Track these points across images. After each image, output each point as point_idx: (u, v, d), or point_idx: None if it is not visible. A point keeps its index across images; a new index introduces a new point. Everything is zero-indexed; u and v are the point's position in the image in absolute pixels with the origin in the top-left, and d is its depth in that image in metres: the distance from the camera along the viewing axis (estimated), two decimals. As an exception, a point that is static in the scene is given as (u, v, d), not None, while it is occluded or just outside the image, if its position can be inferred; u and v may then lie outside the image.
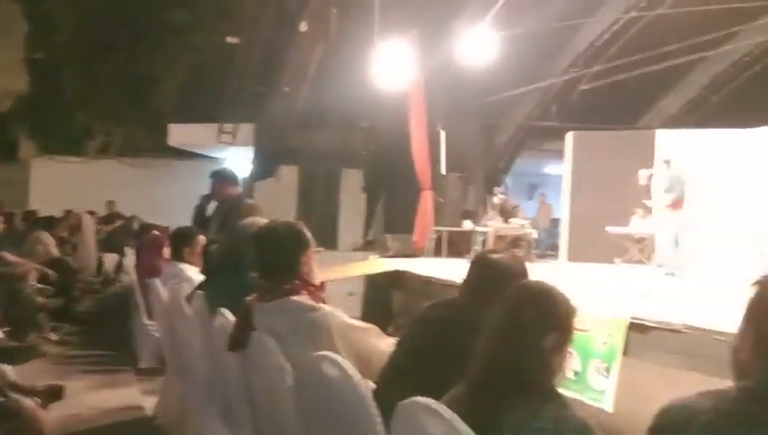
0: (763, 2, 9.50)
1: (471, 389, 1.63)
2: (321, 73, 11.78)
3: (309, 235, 2.53)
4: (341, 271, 9.05)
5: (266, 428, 2.56)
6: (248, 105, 13.20)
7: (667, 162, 7.60)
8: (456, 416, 1.44)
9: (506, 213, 11.44)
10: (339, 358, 1.92)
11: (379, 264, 9.48)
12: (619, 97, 11.26)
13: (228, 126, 13.76)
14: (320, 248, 2.63)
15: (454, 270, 8.23)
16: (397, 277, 8.23)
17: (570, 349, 4.45)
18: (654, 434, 1.36)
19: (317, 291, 2.47)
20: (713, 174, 10.16)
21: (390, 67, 9.90)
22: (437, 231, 11.29)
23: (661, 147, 10.15)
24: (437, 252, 11.16)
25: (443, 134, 11.45)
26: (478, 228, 11.17)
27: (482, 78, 10.35)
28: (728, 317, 4.30)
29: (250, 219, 3.27)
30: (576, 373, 4.92)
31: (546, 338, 1.60)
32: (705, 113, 11.61)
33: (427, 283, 7.28)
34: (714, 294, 5.96)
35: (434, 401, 1.50)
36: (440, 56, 10.72)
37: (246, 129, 13.71)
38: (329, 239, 12.19)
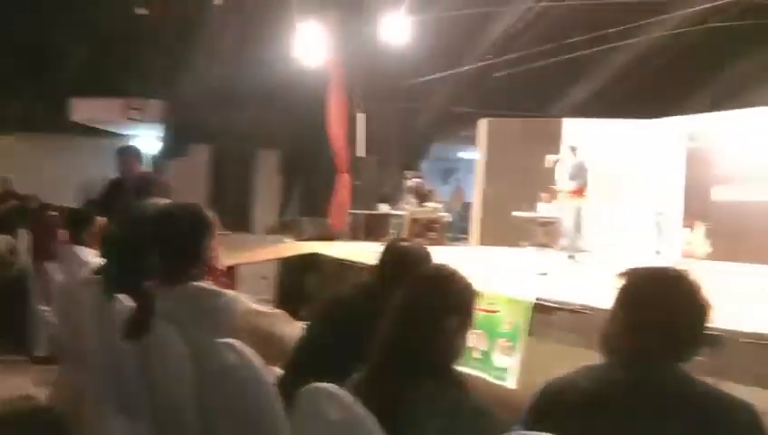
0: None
1: (373, 373, 1.63)
2: (237, 50, 11.42)
3: (213, 217, 2.44)
4: (254, 254, 8.89)
5: (166, 417, 2.46)
6: (158, 80, 12.61)
7: (573, 149, 7.95)
8: (355, 400, 1.43)
9: (422, 197, 11.61)
10: (241, 345, 1.87)
11: (293, 247, 9.38)
12: (531, 85, 11.63)
13: (137, 101, 13.12)
14: (226, 232, 2.55)
15: (370, 253, 8.28)
16: (312, 261, 8.17)
17: (474, 330, 4.58)
18: (532, 409, 1.47)
19: (221, 276, 2.39)
20: (615, 162, 10.76)
21: (309, 47, 9.75)
22: (354, 214, 11.31)
23: (568, 135, 10.62)
24: (354, 235, 11.19)
25: (361, 117, 11.43)
26: (394, 212, 11.28)
27: (400, 62, 10.41)
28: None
29: (151, 200, 3.11)
30: (482, 353, 5.09)
31: (447, 320, 1.62)
32: (610, 104, 12.19)
33: (343, 266, 7.27)
34: (611, 277, 6.30)
35: (334, 386, 1.49)
36: (359, 38, 10.67)
37: (156, 105, 13.12)
38: (242, 221, 11.94)
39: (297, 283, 8.28)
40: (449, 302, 1.64)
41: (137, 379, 2.62)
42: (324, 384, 1.50)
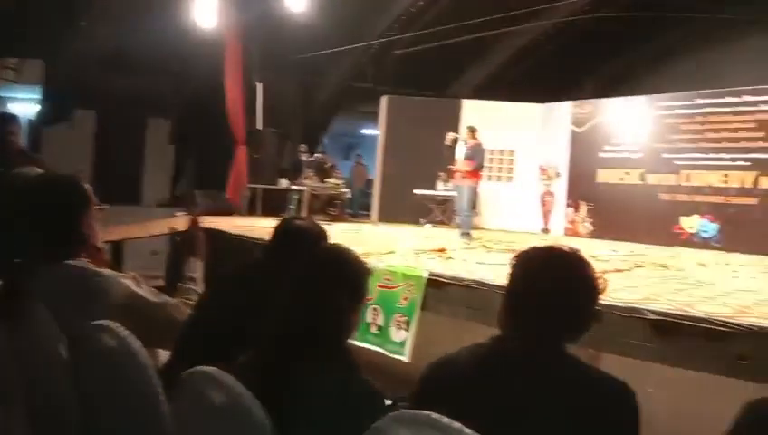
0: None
1: (262, 354, 1.59)
2: (127, 10, 10.67)
3: (89, 190, 2.27)
4: (143, 228, 8.48)
5: (42, 403, 2.30)
6: (37, 39, 11.54)
7: (472, 130, 8.13)
8: (239, 384, 1.39)
9: (323, 172, 11.53)
10: (119, 327, 1.76)
11: (185, 221, 9.02)
12: (431, 65, 11.78)
13: (11, 61, 11.96)
14: (111, 205, 2.38)
15: (267, 229, 8.12)
16: (206, 236, 7.88)
17: (373, 306, 4.57)
18: (419, 386, 1.49)
19: (99, 254, 2.23)
20: (509, 143, 11.20)
21: (204, 12, 9.32)
22: (252, 188, 11.04)
23: (467, 115, 10.90)
24: (252, 210, 10.94)
25: (260, 87, 11.10)
26: (294, 187, 11.13)
27: (301, 33, 10.17)
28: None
29: (21, 170, 2.85)
30: (379, 328, 5.18)
31: (340, 300, 1.61)
32: (506, 86, 12.61)
33: (240, 242, 7.09)
34: (500, 254, 6.58)
35: (217, 369, 1.44)
36: (258, 6, 10.31)
37: (34, 65, 12.02)
38: (131, 194, 11.31)
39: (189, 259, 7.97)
40: (342, 281, 1.63)
41: (8, 364, 2.42)
42: (207, 368, 1.45)
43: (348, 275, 1.67)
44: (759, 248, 8.07)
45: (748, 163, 8.61)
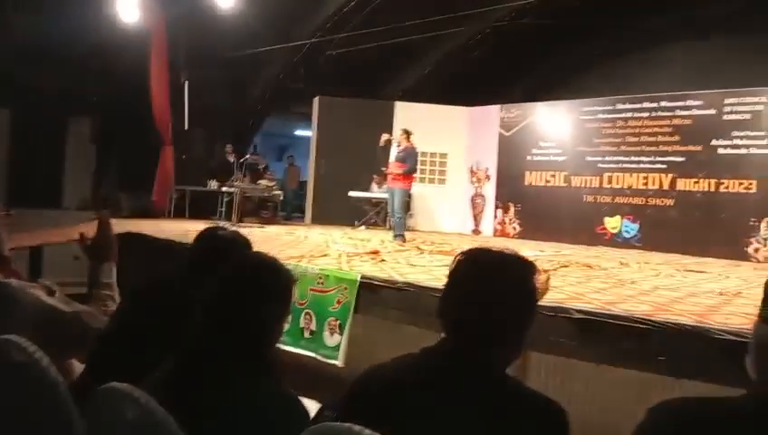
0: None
1: (178, 368, 1.52)
2: (43, 5, 10.11)
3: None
4: (63, 233, 8.04)
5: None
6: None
7: (406, 133, 8.13)
8: (152, 399, 1.32)
9: (255, 174, 11.31)
10: (26, 342, 1.64)
11: (95, 223, 8.63)
12: (364, 66, 11.78)
13: None
14: (9, 211, 2.22)
15: (194, 233, 7.87)
16: (130, 240, 7.55)
17: (307, 311, 4.47)
18: (347, 396, 1.44)
19: (6, 264, 2.08)
20: (442, 146, 11.35)
21: (127, 3, 8.97)
22: (180, 190, 10.70)
23: (399, 117, 10.96)
24: (179, 213, 10.60)
25: (187, 85, 10.78)
26: (224, 189, 10.86)
27: (232, 30, 9.94)
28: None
29: None
30: (312, 332, 5.11)
31: (261, 310, 1.55)
32: (436, 88, 12.76)
33: (165, 247, 6.84)
34: (432, 256, 6.64)
35: (130, 385, 1.36)
36: (184, 1, 10.00)
37: (-61, 57, 11.21)
38: (51, 196, 10.72)
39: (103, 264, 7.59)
40: (264, 290, 1.57)
41: None
42: (120, 384, 1.37)
43: (270, 285, 1.60)
44: (676, 247, 8.52)
45: (665, 166, 9.06)
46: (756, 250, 8.13)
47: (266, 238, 7.77)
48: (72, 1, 9.38)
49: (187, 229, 8.26)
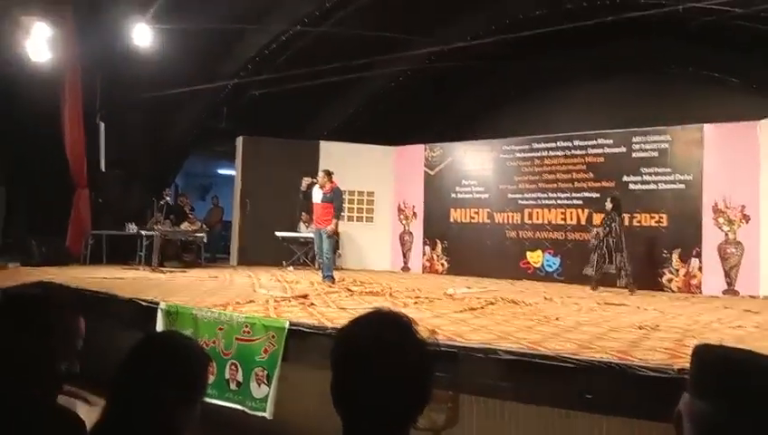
0: (406, 35, 10.96)
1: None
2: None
3: None
4: (-36, 285, 7.46)
5: None
6: None
7: (329, 173, 8.08)
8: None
9: (179, 216, 10.94)
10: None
11: (18, 273, 8.09)
12: (288, 106, 11.75)
13: None
14: None
15: (115, 280, 7.56)
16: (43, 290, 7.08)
17: (233, 362, 4.23)
18: None
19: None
20: (367, 184, 11.41)
21: (36, 41, 8.58)
22: (95, 235, 10.18)
23: (324, 157, 10.97)
24: (96, 259, 10.07)
25: (102, 126, 10.37)
26: (144, 232, 10.43)
27: (151, 71, 9.69)
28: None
29: None
30: (239, 384, 4.91)
31: (169, 394, 1.38)
32: (360, 128, 12.90)
33: (80, 298, 6.44)
34: (362, 297, 6.59)
35: None
36: (101, 40, 9.69)
37: None
38: (-48, 243, 9.97)
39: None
40: (173, 373, 1.40)
41: None
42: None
43: (179, 368, 1.42)
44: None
45: (581, 202, 9.47)
46: (670, 280, 8.57)
47: (188, 284, 7.49)
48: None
49: (103, 276, 7.87)
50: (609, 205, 8.13)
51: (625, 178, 9.09)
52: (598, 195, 9.28)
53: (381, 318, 1.25)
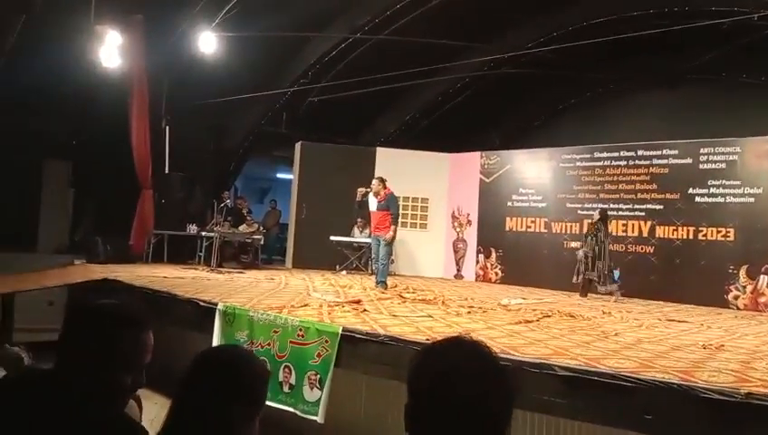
0: (466, 43, 10.92)
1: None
2: (24, 46, 10.08)
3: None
4: (36, 279, 7.84)
5: None
6: None
7: (382, 181, 8.05)
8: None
9: (238, 217, 11.20)
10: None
11: (84, 270, 8.44)
12: (345, 112, 11.88)
13: None
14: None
15: (175, 279, 7.81)
16: (106, 287, 7.39)
17: (287, 364, 4.24)
18: None
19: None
20: (423, 191, 11.39)
21: (108, 49, 8.96)
22: (158, 235, 10.54)
23: (380, 163, 11.01)
24: (158, 258, 10.43)
25: (167, 130, 10.75)
26: (204, 233, 10.73)
27: (214, 76, 9.99)
28: (424, 328, 4.79)
29: None
30: (291, 386, 4.97)
31: (231, 409, 1.41)
32: (416, 135, 12.92)
33: (141, 295, 6.68)
34: (414, 305, 6.56)
35: None
36: (168, 47, 10.05)
37: None
38: (26, 239, 10.50)
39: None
40: (235, 388, 1.43)
41: None
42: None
43: (240, 384, 1.44)
44: (657, 294, 8.56)
45: (644, 214, 9.17)
46: (736, 298, 8.19)
47: (245, 286, 7.64)
48: (53, 45, 9.37)
49: (164, 275, 8.13)
50: (596, 216, 8.64)
51: (690, 191, 8.74)
52: (662, 207, 8.98)
53: (462, 346, 1.23)
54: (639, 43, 9.25)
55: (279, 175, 19.24)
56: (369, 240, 9.71)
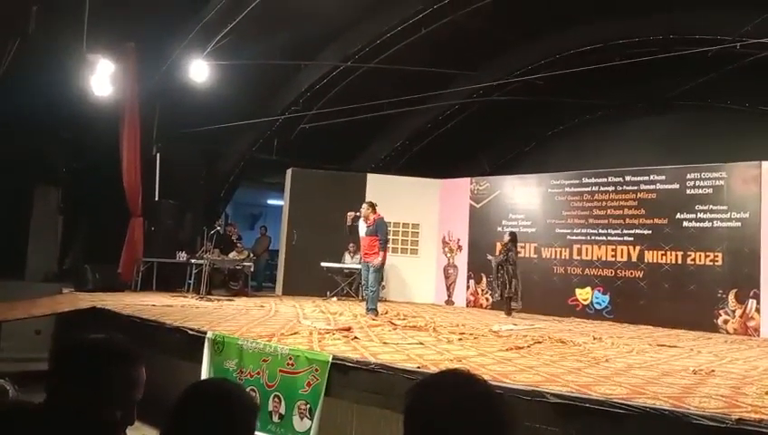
0: (456, 70, 11.06)
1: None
2: (15, 72, 10.10)
3: None
4: (25, 308, 7.74)
5: None
6: None
7: (372, 206, 8.07)
8: None
9: (228, 245, 11.16)
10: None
11: (72, 299, 8.36)
12: (335, 139, 11.96)
13: None
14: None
15: (164, 308, 7.73)
16: (94, 315, 7.32)
17: (276, 394, 4.21)
18: None
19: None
20: (413, 216, 11.42)
21: (100, 78, 9.01)
22: (147, 262, 10.47)
23: (371, 189, 11.04)
24: (146, 286, 10.34)
25: (158, 157, 10.76)
26: (193, 260, 10.67)
27: (205, 104, 10.06)
28: (414, 356, 4.76)
29: None
30: (281, 416, 4.91)
31: None
32: (407, 161, 13.01)
33: (130, 323, 6.61)
34: (405, 331, 6.53)
35: None
36: (160, 75, 10.13)
37: None
38: (14, 267, 10.40)
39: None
40: (227, 423, 1.42)
41: None
42: None
43: (231, 418, 1.43)
44: (647, 319, 8.57)
45: (632, 238, 9.23)
46: (725, 322, 8.22)
47: (234, 314, 7.59)
48: (45, 72, 9.41)
49: (152, 303, 8.06)
50: (507, 238, 9.25)
51: (678, 216, 8.82)
52: (650, 232, 9.04)
53: (458, 380, 1.21)
54: (627, 70, 9.40)
55: (270, 201, 19.25)
56: (359, 266, 9.70)
